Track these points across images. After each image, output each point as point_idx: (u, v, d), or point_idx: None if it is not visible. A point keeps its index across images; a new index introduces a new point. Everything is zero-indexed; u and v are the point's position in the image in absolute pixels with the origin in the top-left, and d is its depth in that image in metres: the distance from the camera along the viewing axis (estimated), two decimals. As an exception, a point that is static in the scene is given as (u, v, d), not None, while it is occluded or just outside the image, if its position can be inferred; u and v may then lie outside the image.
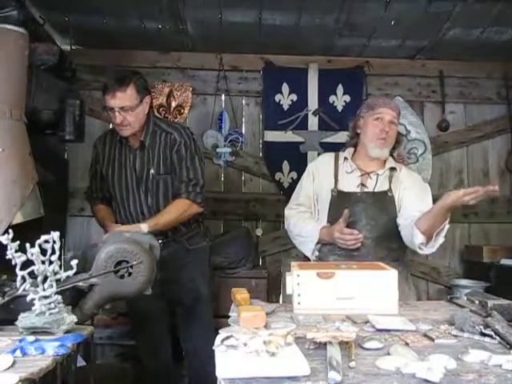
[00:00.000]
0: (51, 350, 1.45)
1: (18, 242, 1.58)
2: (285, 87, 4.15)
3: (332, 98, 4.15)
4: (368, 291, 1.86)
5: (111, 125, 4.01)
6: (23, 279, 1.62)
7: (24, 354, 1.42)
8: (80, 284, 2.00)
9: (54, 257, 1.65)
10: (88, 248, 3.50)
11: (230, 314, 1.80)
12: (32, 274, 1.63)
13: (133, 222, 2.66)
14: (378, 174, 2.56)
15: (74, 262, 1.72)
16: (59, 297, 1.70)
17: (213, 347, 1.31)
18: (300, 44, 3.91)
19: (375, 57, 4.14)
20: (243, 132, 4.21)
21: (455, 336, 1.54)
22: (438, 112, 4.27)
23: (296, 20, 3.46)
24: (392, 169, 2.58)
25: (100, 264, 2.06)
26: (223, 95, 4.21)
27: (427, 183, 4.07)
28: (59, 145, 3.81)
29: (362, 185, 2.55)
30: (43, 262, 1.63)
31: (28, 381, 1.26)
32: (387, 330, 1.59)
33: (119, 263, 2.07)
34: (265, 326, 1.56)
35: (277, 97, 4.16)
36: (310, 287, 1.88)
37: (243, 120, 4.25)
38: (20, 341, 1.51)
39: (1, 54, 2.39)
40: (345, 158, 2.62)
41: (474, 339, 1.51)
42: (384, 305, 1.86)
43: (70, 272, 1.72)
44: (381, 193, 2.52)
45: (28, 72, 2.57)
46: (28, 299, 1.65)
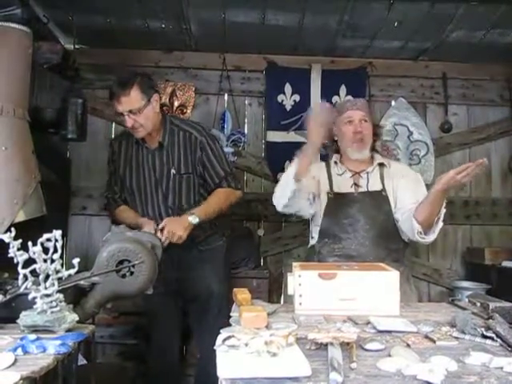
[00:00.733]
0: (52, 349, 1.45)
1: (21, 241, 1.59)
2: (287, 87, 4.15)
3: (335, 99, 4.14)
4: (369, 292, 1.86)
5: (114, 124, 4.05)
6: (25, 277, 1.63)
7: (25, 353, 1.42)
8: (82, 283, 2.01)
9: (56, 255, 1.65)
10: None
11: (232, 314, 1.80)
12: (34, 273, 1.63)
13: None
14: (368, 172, 2.59)
15: (76, 261, 1.72)
16: (61, 295, 1.71)
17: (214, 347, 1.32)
18: (303, 44, 3.91)
19: (378, 58, 4.14)
20: (245, 132, 4.20)
21: (456, 338, 1.54)
22: (441, 113, 4.26)
23: (299, 20, 3.46)
24: (381, 164, 2.61)
25: (102, 263, 2.07)
26: (226, 95, 4.20)
27: (429, 184, 4.11)
28: (61, 143, 3.81)
29: (355, 185, 2.57)
30: (45, 261, 1.63)
31: (29, 379, 1.26)
32: (388, 332, 1.60)
33: (121, 262, 2.07)
34: (266, 327, 1.56)
35: (279, 97, 4.15)
36: (312, 288, 1.88)
37: (246, 120, 4.24)
38: (21, 339, 1.51)
39: (4, 53, 2.40)
40: (335, 162, 2.66)
41: (476, 341, 1.51)
42: (385, 306, 1.86)
43: (72, 270, 1.73)
44: (375, 192, 2.53)
45: (31, 71, 2.58)
46: (30, 297, 1.66)
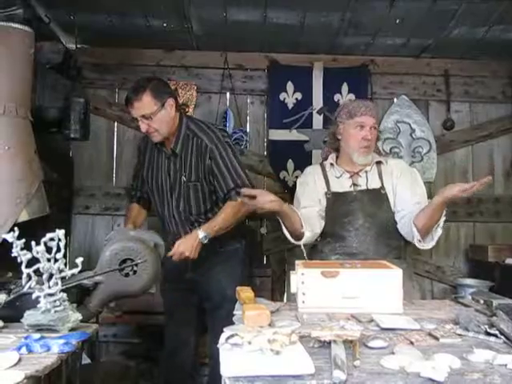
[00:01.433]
0: (56, 348, 1.46)
1: (24, 240, 1.59)
2: (289, 86, 4.14)
3: (337, 97, 4.13)
4: (372, 290, 1.86)
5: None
6: (28, 277, 1.63)
7: (29, 352, 1.43)
8: (85, 282, 2.01)
9: (59, 254, 1.66)
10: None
11: (235, 313, 1.80)
12: (37, 272, 1.64)
13: (166, 224, 2.74)
14: (367, 171, 2.57)
15: (79, 260, 1.73)
16: (64, 294, 1.71)
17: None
18: (305, 42, 3.90)
19: (380, 55, 4.13)
20: (248, 130, 4.19)
21: (460, 335, 1.54)
22: (443, 111, 4.25)
23: (301, 18, 3.46)
24: (378, 162, 2.60)
25: (105, 262, 2.08)
26: (228, 94, 4.19)
27: (431, 181, 4.12)
28: (64, 143, 3.81)
29: (354, 184, 2.56)
30: (48, 260, 1.64)
31: (33, 378, 1.26)
32: (392, 329, 1.60)
33: (124, 261, 2.08)
34: (269, 325, 1.56)
35: (281, 95, 4.14)
36: (315, 286, 1.88)
37: (248, 118, 4.24)
38: (25, 338, 1.52)
39: (6, 53, 2.40)
40: (331, 164, 2.62)
41: (479, 339, 1.51)
42: (388, 304, 1.86)
43: (75, 270, 1.73)
44: (374, 190, 2.52)
45: (33, 70, 2.58)
46: (33, 297, 1.66)
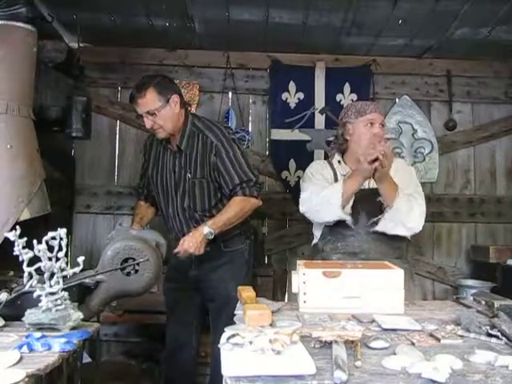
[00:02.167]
0: (57, 347, 1.46)
1: (25, 239, 1.59)
2: (292, 85, 4.14)
3: (339, 97, 4.13)
4: (374, 290, 1.86)
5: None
6: (30, 276, 1.63)
7: (31, 350, 1.43)
8: (86, 281, 2.01)
9: (61, 253, 1.66)
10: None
11: (236, 312, 1.80)
12: (39, 271, 1.64)
13: (170, 222, 2.75)
14: None
15: (81, 259, 1.73)
16: (66, 293, 1.71)
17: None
18: (307, 42, 3.90)
19: (382, 55, 4.12)
20: (250, 130, 4.19)
21: (461, 336, 1.53)
22: (445, 111, 4.24)
23: (303, 18, 3.45)
24: None
25: (106, 261, 2.08)
26: (230, 93, 4.19)
27: (433, 182, 4.12)
28: (66, 142, 3.82)
29: None
30: (50, 259, 1.64)
31: (34, 377, 1.27)
32: (393, 330, 1.60)
33: (126, 260, 2.08)
34: (270, 325, 1.56)
35: (284, 95, 4.14)
36: (316, 286, 1.88)
37: (250, 118, 4.24)
38: (27, 337, 1.52)
39: (9, 51, 2.40)
40: (338, 162, 2.66)
41: (481, 340, 1.51)
42: (390, 304, 1.86)
43: (77, 269, 1.73)
44: (375, 190, 2.51)
45: (36, 69, 2.58)
46: (35, 295, 1.67)
